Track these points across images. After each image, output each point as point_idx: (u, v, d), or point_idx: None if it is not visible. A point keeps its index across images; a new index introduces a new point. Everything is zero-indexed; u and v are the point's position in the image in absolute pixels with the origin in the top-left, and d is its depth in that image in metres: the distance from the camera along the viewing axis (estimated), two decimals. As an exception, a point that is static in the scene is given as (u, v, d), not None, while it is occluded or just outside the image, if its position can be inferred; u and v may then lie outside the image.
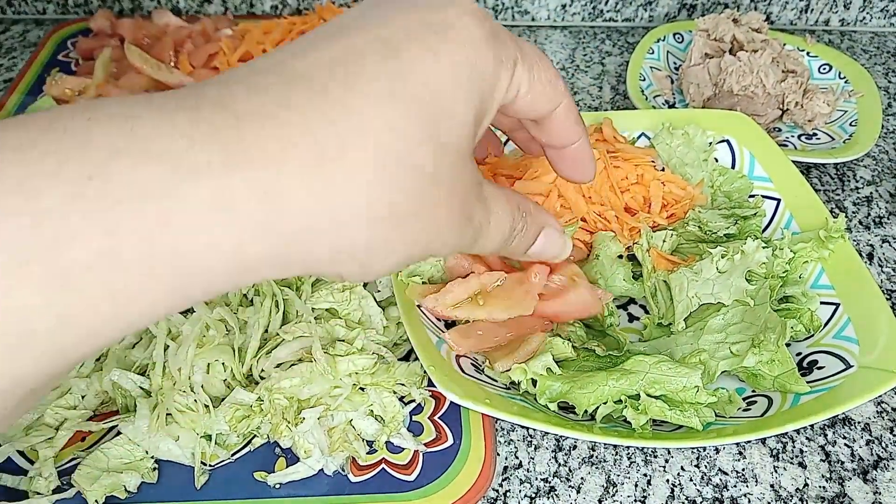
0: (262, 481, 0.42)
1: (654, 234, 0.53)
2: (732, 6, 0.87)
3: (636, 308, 0.53)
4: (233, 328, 0.45)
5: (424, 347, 0.43)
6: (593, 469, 0.45)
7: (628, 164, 0.56)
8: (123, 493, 0.41)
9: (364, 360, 0.45)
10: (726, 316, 0.47)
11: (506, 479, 0.44)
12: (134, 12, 0.85)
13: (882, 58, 0.84)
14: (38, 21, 0.85)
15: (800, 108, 0.70)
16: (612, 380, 0.42)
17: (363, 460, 0.43)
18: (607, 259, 0.51)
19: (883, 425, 0.48)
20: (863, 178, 0.68)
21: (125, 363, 0.45)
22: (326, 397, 0.44)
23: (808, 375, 0.45)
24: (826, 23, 0.89)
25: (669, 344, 0.47)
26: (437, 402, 0.46)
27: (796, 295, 0.49)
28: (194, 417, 0.42)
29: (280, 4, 0.85)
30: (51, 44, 0.79)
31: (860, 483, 0.45)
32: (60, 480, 0.41)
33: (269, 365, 0.44)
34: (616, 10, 0.87)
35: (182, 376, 0.43)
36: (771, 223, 0.56)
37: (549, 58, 0.32)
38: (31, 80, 0.74)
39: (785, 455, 0.46)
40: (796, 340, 0.48)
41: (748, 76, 0.68)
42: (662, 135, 0.60)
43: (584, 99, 0.77)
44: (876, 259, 0.60)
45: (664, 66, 0.78)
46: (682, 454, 0.46)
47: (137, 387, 0.43)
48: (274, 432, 0.43)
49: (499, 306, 0.47)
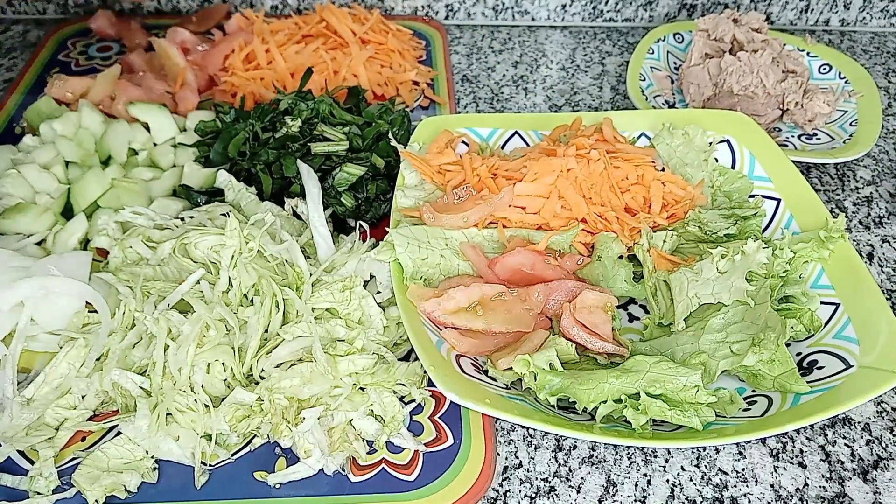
0: (262, 481, 0.42)
1: (655, 234, 0.53)
2: (732, 6, 0.87)
3: (636, 308, 0.53)
4: (233, 328, 0.45)
5: (424, 347, 0.43)
6: (593, 469, 0.45)
7: (628, 165, 0.56)
8: (123, 492, 0.41)
9: (364, 360, 0.45)
10: (727, 315, 0.47)
11: (506, 478, 0.44)
12: (134, 12, 0.85)
13: (882, 58, 0.84)
14: (38, 21, 0.85)
15: (800, 108, 0.70)
16: (613, 378, 0.42)
17: (363, 460, 0.43)
18: (609, 260, 0.52)
19: (883, 425, 0.48)
20: (863, 178, 0.68)
21: (125, 363, 0.45)
22: (326, 397, 0.44)
23: (809, 375, 0.45)
24: (826, 23, 0.89)
25: (670, 343, 0.47)
26: (437, 402, 0.46)
27: (796, 295, 0.49)
28: (194, 417, 0.42)
29: (280, 4, 0.85)
30: (51, 44, 0.79)
31: (860, 483, 0.45)
32: (61, 480, 0.41)
33: (269, 365, 0.44)
34: (616, 11, 0.87)
35: (182, 376, 0.43)
36: (771, 223, 0.56)
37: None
38: (31, 80, 0.74)
39: (785, 455, 0.46)
40: (796, 340, 0.48)
41: (748, 76, 0.68)
42: (662, 135, 0.60)
43: (584, 99, 0.77)
44: (876, 259, 0.60)
45: (664, 66, 0.78)
46: (682, 454, 0.46)
47: (137, 387, 0.43)
48: (274, 432, 0.43)
49: (497, 319, 0.47)
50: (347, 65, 0.71)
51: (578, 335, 0.46)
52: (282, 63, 0.71)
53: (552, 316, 0.49)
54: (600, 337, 0.46)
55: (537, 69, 0.81)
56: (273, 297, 0.47)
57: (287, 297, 0.47)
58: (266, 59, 0.72)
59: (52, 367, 0.45)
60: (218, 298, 0.47)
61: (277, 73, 0.71)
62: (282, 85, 0.70)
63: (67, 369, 0.45)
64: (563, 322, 0.47)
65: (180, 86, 0.69)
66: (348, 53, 0.72)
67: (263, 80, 0.71)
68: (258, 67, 0.72)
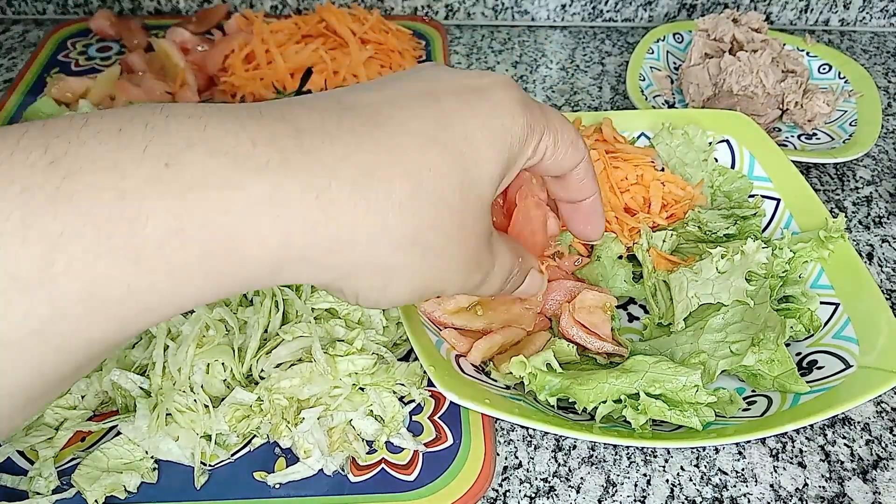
0: (261, 481, 0.42)
1: (654, 234, 0.53)
2: (732, 6, 0.87)
3: (636, 308, 0.53)
4: (233, 328, 0.45)
5: (424, 347, 0.43)
6: (593, 469, 0.45)
7: (628, 165, 0.56)
8: (123, 493, 0.41)
9: (364, 360, 0.45)
10: (726, 315, 0.47)
11: (506, 479, 0.44)
12: (134, 12, 0.85)
13: (882, 58, 0.84)
14: (38, 21, 0.85)
15: (799, 108, 0.70)
16: (613, 378, 0.42)
17: (363, 460, 0.43)
18: (608, 260, 0.52)
19: (883, 425, 0.48)
20: (862, 178, 0.68)
21: (125, 363, 0.45)
22: (326, 397, 0.44)
23: (808, 375, 0.45)
24: (826, 23, 0.89)
25: (669, 344, 0.47)
26: (436, 402, 0.46)
27: (796, 295, 0.49)
28: (194, 417, 0.42)
29: (280, 4, 0.85)
30: (51, 44, 0.79)
31: (860, 483, 0.45)
32: (60, 480, 0.41)
33: (268, 365, 0.44)
34: (616, 10, 0.87)
35: (182, 376, 0.43)
36: (771, 223, 0.56)
37: (569, 122, 0.35)
38: (31, 80, 0.74)
39: (785, 455, 0.46)
40: (796, 340, 0.48)
41: (748, 76, 0.68)
42: (662, 135, 0.60)
43: (584, 99, 0.77)
44: (876, 259, 0.60)
45: (664, 66, 0.78)
46: (681, 454, 0.46)
47: (137, 387, 0.43)
48: (274, 432, 0.43)
49: (497, 319, 0.47)
50: (347, 65, 0.71)
51: (578, 335, 0.46)
52: (281, 63, 0.71)
53: (551, 316, 0.49)
54: (599, 337, 0.46)
55: (537, 69, 0.81)
56: (273, 298, 0.47)
57: (287, 298, 0.47)
58: (266, 59, 0.72)
59: (51, 368, 0.45)
60: (217, 298, 0.47)
61: (277, 73, 0.71)
62: (281, 85, 0.70)
63: (67, 369, 0.45)
64: (563, 322, 0.47)
65: (180, 86, 0.69)
66: (348, 53, 0.73)
67: (263, 80, 0.71)
68: (258, 67, 0.72)
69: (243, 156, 0.24)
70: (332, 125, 0.26)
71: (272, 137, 0.25)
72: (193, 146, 0.23)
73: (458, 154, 0.28)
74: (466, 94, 0.30)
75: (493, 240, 0.33)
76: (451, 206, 0.28)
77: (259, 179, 0.24)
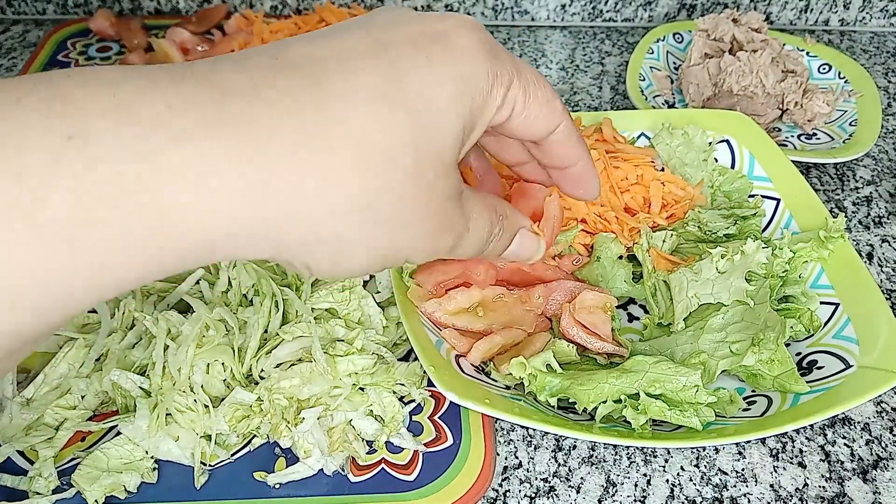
0: (261, 481, 0.42)
1: (654, 234, 0.53)
2: (732, 6, 0.87)
3: (636, 308, 0.53)
4: (232, 328, 0.45)
5: (424, 347, 0.43)
6: (593, 469, 0.45)
7: (628, 165, 0.56)
8: (123, 493, 0.41)
9: (364, 360, 0.45)
10: (726, 315, 0.47)
11: (506, 478, 0.44)
12: (134, 12, 0.85)
13: (882, 58, 0.84)
14: (38, 21, 0.85)
15: (799, 108, 0.70)
16: (613, 378, 0.42)
17: (363, 460, 0.43)
18: (608, 260, 0.52)
19: (883, 425, 0.48)
20: (862, 177, 0.68)
21: (125, 363, 0.45)
22: (326, 397, 0.44)
23: (808, 375, 0.45)
24: (826, 23, 0.89)
25: (669, 344, 0.47)
26: (436, 402, 0.46)
27: (796, 295, 0.49)
28: (194, 417, 0.42)
29: (280, 4, 0.85)
30: (51, 44, 0.79)
31: (860, 483, 0.45)
32: (60, 480, 0.41)
33: (268, 365, 0.44)
34: (616, 10, 0.87)
35: (182, 376, 0.43)
36: (771, 223, 0.56)
37: (546, 82, 0.33)
38: (30, 80, 0.73)
39: (785, 455, 0.46)
40: (796, 340, 0.48)
41: (748, 76, 0.68)
42: (662, 135, 0.60)
43: (584, 99, 0.77)
44: (876, 259, 0.60)
45: (664, 66, 0.78)
46: (681, 454, 0.46)
47: (137, 387, 0.43)
48: (274, 432, 0.43)
49: (498, 321, 0.47)
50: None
51: (578, 335, 0.46)
52: (281, 63, 0.71)
53: (551, 316, 0.49)
54: (600, 337, 0.46)
55: (537, 69, 0.81)
56: (272, 298, 0.47)
57: (287, 298, 0.47)
58: (266, 59, 0.72)
59: (51, 367, 0.45)
60: (217, 298, 0.47)
61: (277, 73, 0.71)
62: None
63: (67, 369, 0.45)
64: (563, 322, 0.47)
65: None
66: (348, 53, 0.72)
67: (263, 80, 0.71)
68: (258, 67, 0.72)
69: (157, 124, 0.21)
70: (264, 85, 0.24)
71: (192, 103, 0.22)
72: (102, 115, 0.21)
73: (411, 111, 0.26)
74: (422, 42, 0.27)
75: (465, 198, 0.31)
76: (406, 168, 0.26)
77: (175, 150, 0.21)
